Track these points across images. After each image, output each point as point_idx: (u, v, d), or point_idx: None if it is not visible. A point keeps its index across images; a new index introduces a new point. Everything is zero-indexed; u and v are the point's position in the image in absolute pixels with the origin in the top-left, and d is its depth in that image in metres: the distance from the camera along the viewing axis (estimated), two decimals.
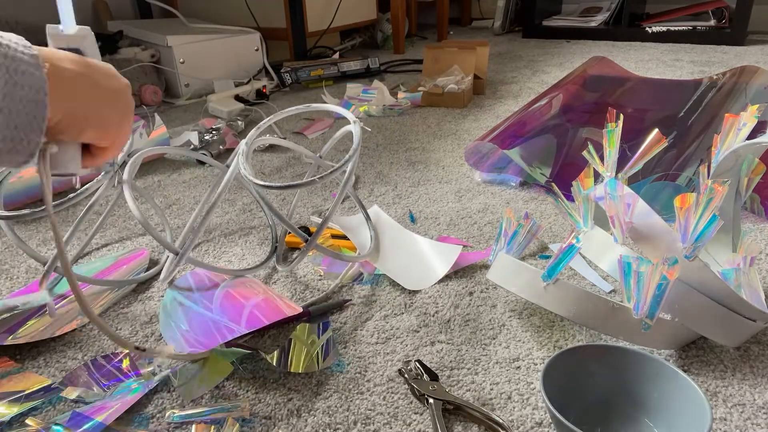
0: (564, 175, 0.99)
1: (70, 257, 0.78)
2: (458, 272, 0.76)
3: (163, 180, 1.14)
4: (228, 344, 0.60)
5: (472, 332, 0.64)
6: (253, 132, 0.78)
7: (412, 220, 0.91)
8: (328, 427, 0.52)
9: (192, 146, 1.25)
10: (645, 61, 2.00)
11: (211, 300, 0.68)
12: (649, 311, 0.53)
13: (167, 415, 0.53)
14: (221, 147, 1.25)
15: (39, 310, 0.68)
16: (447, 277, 0.74)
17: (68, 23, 0.58)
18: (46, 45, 0.48)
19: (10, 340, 0.63)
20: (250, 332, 0.62)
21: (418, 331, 0.64)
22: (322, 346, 0.61)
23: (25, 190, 0.99)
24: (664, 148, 0.60)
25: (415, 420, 0.52)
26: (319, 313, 0.67)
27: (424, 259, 0.78)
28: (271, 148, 1.28)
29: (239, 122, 1.43)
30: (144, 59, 1.71)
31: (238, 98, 1.61)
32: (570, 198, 0.70)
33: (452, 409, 0.52)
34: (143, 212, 0.70)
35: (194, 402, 0.55)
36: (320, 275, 0.76)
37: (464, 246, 0.82)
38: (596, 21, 2.58)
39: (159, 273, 0.77)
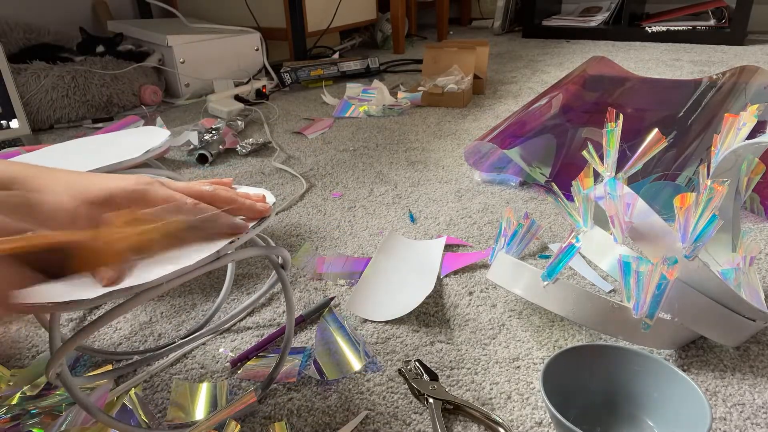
0: (564, 175, 0.99)
1: None
2: (458, 272, 0.76)
3: None
4: (235, 361, 0.60)
5: (472, 332, 0.64)
6: None
7: (412, 220, 0.91)
8: (328, 427, 0.52)
9: (192, 146, 1.25)
10: (645, 61, 2.00)
11: None
12: (649, 311, 0.53)
13: None
14: (221, 147, 1.25)
15: None
16: (447, 277, 0.74)
17: None
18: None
19: None
20: (261, 346, 0.62)
21: (418, 331, 0.64)
22: (353, 347, 0.61)
23: None
24: (664, 147, 0.60)
25: (414, 420, 0.52)
26: (312, 315, 0.67)
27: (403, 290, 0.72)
28: (270, 149, 1.29)
29: (239, 122, 1.43)
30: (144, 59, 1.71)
31: (237, 98, 1.61)
32: (570, 198, 0.70)
33: (452, 409, 0.52)
34: None
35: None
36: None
37: (464, 246, 0.82)
38: (596, 21, 2.58)
39: None
